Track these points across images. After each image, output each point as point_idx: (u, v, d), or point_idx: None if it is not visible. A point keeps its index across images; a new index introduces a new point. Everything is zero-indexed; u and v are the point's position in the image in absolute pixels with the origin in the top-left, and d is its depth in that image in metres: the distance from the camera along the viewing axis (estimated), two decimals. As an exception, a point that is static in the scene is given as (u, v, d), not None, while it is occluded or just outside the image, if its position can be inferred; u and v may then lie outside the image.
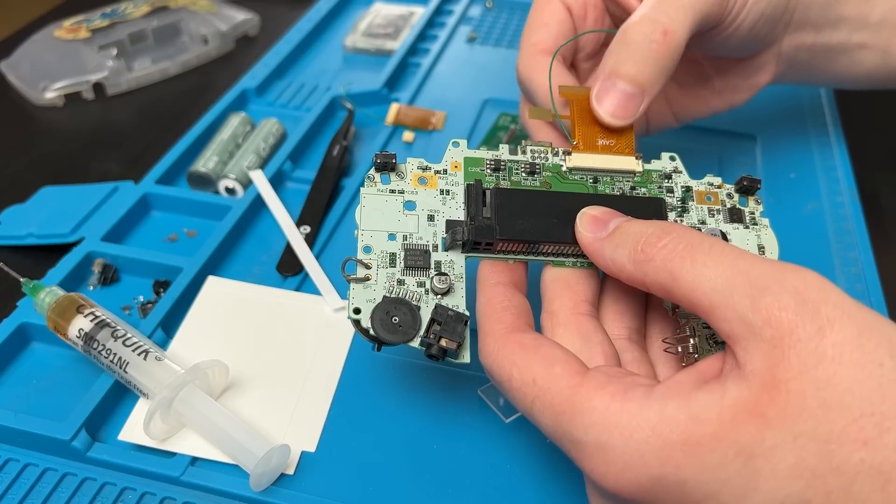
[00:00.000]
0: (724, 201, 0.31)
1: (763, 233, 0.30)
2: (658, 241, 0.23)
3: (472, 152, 0.30)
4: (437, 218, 0.29)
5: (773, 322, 0.20)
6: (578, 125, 0.31)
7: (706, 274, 0.22)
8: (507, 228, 0.28)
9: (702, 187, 0.31)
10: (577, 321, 0.27)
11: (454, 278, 0.28)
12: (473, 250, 0.28)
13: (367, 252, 0.27)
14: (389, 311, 0.26)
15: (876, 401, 0.19)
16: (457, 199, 0.29)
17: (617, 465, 0.21)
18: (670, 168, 0.31)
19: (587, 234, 0.26)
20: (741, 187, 0.31)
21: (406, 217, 0.28)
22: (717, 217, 0.30)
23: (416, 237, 0.28)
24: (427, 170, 0.29)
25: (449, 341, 0.26)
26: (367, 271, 0.27)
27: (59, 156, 0.51)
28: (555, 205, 0.28)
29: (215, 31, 0.62)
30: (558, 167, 0.30)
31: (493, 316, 0.26)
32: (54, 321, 0.33)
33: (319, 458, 0.31)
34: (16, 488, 0.30)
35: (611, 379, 0.23)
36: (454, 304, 0.27)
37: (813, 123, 0.53)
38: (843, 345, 0.19)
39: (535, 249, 0.28)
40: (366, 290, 0.27)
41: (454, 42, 0.63)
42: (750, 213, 0.31)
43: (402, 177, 0.29)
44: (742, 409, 0.20)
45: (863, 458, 0.19)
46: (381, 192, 0.29)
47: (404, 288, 0.27)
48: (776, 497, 0.19)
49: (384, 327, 0.26)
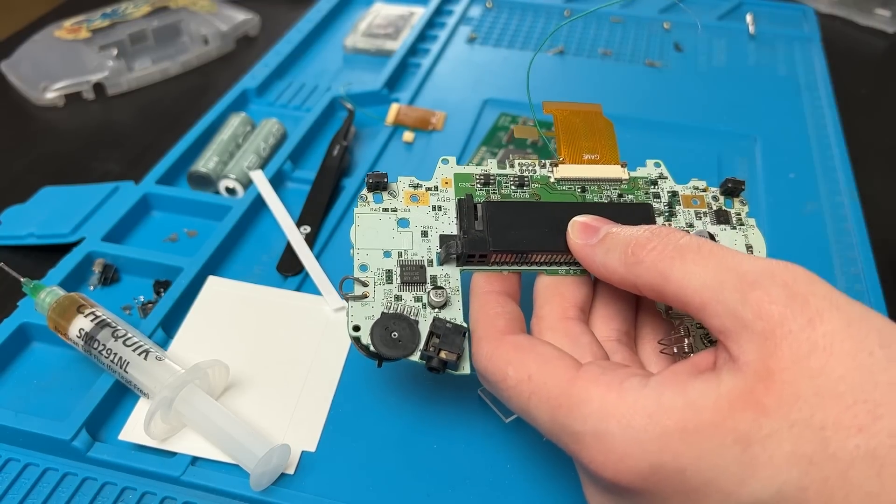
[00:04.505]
0: (709, 204, 0.31)
1: (750, 232, 0.31)
2: (648, 244, 0.24)
3: (462, 168, 0.30)
4: (431, 233, 0.29)
5: (763, 315, 0.20)
6: (564, 141, 0.32)
7: (696, 272, 0.22)
8: (499, 240, 0.28)
9: (687, 191, 0.31)
10: (564, 325, 0.27)
11: (450, 292, 0.28)
12: (468, 263, 0.28)
13: (364, 270, 0.28)
14: (388, 326, 0.27)
15: (868, 388, 0.19)
16: (449, 214, 0.29)
17: (616, 453, 0.21)
18: (656, 174, 0.32)
19: (578, 241, 0.27)
20: (726, 189, 0.31)
21: (400, 234, 0.29)
22: (703, 220, 0.31)
23: (411, 253, 0.28)
24: (418, 187, 0.30)
25: (448, 353, 0.27)
26: (365, 289, 0.27)
27: (60, 156, 0.51)
28: (545, 215, 0.29)
29: (215, 32, 0.62)
30: (546, 178, 0.31)
31: (486, 321, 0.27)
32: (55, 321, 0.33)
33: (319, 458, 0.31)
34: (16, 488, 0.30)
35: (605, 371, 0.23)
36: (451, 316, 0.28)
37: (813, 123, 0.53)
38: (834, 335, 0.20)
39: (528, 260, 0.29)
40: (364, 308, 0.27)
41: (454, 42, 0.63)
42: (736, 214, 0.31)
43: (394, 195, 0.30)
44: (738, 398, 0.20)
45: (858, 444, 0.19)
46: (375, 212, 0.29)
47: (402, 303, 0.27)
48: (774, 483, 0.20)
49: (384, 343, 0.26)
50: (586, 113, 0.32)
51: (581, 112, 0.32)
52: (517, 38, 0.64)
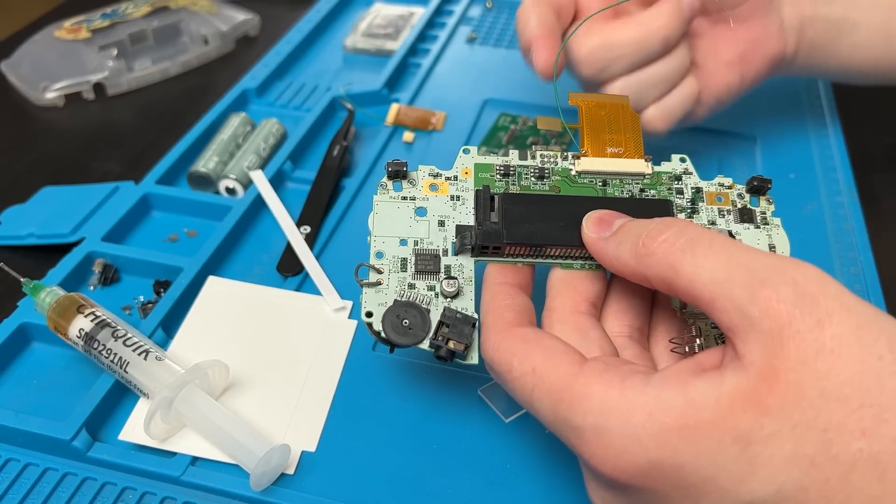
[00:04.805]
0: (734, 202, 0.31)
1: (774, 232, 0.30)
2: (659, 235, 0.24)
3: (483, 158, 0.30)
4: (448, 223, 0.29)
5: (771, 314, 0.20)
6: (588, 133, 0.31)
7: (706, 266, 0.22)
8: (513, 233, 0.28)
9: (712, 188, 0.31)
10: (575, 318, 0.27)
11: (463, 282, 0.28)
12: (482, 254, 0.29)
13: (380, 257, 0.28)
14: (400, 314, 0.27)
15: (875, 392, 0.19)
16: (467, 204, 0.29)
17: (615, 449, 0.21)
18: (680, 170, 0.31)
19: (592, 234, 0.27)
20: (752, 187, 0.31)
21: (417, 223, 0.29)
22: (727, 217, 0.30)
23: (427, 242, 0.29)
24: (438, 176, 0.30)
25: (457, 343, 0.27)
26: (379, 276, 0.28)
27: (60, 156, 0.51)
28: (562, 209, 0.29)
29: (215, 32, 0.62)
30: (567, 171, 0.30)
31: (495, 312, 0.27)
32: (55, 321, 0.33)
33: (319, 458, 0.31)
34: (16, 488, 0.30)
35: (608, 367, 0.23)
36: (463, 306, 0.28)
37: (812, 124, 0.53)
38: (842, 337, 0.20)
39: (542, 253, 0.29)
40: (377, 294, 0.27)
41: (454, 42, 0.63)
42: (761, 212, 0.30)
43: (413, 184, 0.30)
44: (740, 398, 0.20)
45: (861, 447, 0.19)
46: (394, 199, 0.29)
47: (415, 292, 0.28)
48: (774, 483, 0.20)
49: (395, 330, 0.27)
50: (612, 105, 0.32)
51: (607, 104, 0.32)
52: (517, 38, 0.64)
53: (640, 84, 0.38)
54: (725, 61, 0.41)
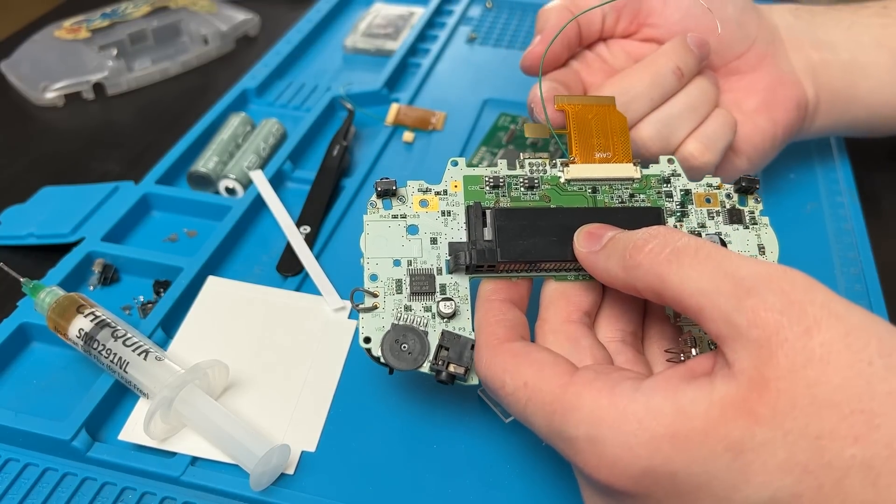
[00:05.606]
0: (723, 202, 0.31)
1: (763, 232, 0.30)
2: (644, 246, 0.24)
3: (471, 170, 0.30)
4: (440, 240, 0.29)
5: (759, 323, 0.20)
6: (576, 139, 0.31)
7: (692, 276, 0.22)
8: (507, 251, 0.28)
9: (701, 189, 0.31)
10: (566, 328, 0.27)
11: (459, 301, 0.28)
12: (476, 272, 0.29)
13: (374, 280, 0.28)
14: (398, 338, 0.27)
15: (865, 398, 0.19)
16: (458, 219, 0.29)
17: (608, 457, 0.21)
18: (668, 171, 0.31)
19: (583, 249, 0.27)
20: (740, 187, 0.31)
21: (409, 242, 0.29)
22: (716, 219, 0.30)
23: (421, 261, 0.29)
24: (427, 191, 0.30)
25: (457, 367, 0.27)
26: (375, 300, 0.28)
27: (60, 156, 0.51)
28: (554, 222, 0.29)
29: (215, 32, 0.62)
30: (556, 179, 0.30)
31: (487, 329, 0.27)
32: (54, 321, 0.33)
33: (319, 458, 0.31)
34: (16, 488, 0.30)
35: (598, 375, 0.23)
36: (460, 326, 0.28)
37: (813, 123, 0.53)
38: (831, 344, 0.20)
39: (536, 267, 0.29)
40: (375, 319, 0.28)
41: (454, 42, 0.63)
42: (749, 212, 0.31)
43: (403, 201, 0.30)
44: (730, 406, 0.20)
45: (854, 453, 0.19)
46: (384, 218, 0.29)
47: (412, 314, 0.28)
48: (768, 490, 0.20)
49: (394, 355, 0.27)
50: (599, 108, 0.32)
51: (594, 107, 0.32)
52: (517, 38, 0.64)
53: (666, 119, 0.36)
54: (750, 110, 0.40)
